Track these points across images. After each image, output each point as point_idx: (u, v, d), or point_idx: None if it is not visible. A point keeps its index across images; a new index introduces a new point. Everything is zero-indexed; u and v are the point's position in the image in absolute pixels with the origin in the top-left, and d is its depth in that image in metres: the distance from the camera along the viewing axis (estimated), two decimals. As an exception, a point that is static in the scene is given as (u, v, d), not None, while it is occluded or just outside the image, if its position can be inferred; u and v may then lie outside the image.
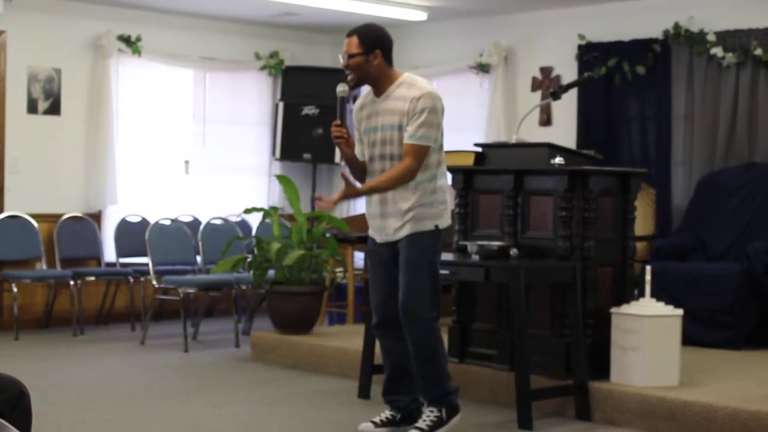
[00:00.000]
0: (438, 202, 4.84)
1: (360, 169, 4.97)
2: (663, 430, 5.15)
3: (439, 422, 4.89)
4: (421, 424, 4.88)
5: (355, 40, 4.82)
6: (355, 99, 4.91)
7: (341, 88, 4.83)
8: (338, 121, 4.80)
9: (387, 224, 4.85)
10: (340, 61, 4.87)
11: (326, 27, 10.11)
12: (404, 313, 4.81)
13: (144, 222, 8.89)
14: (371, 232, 5.01)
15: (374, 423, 5.03)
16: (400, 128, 4.78)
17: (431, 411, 4.91)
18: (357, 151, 4.99)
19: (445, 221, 4.88)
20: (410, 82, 4.83)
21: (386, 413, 5.07)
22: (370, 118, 4.91)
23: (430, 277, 4.83)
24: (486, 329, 5.96)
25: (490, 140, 8.49)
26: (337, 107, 4.85)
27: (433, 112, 4.75)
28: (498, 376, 5.78)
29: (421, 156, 4.74)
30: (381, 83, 4.87)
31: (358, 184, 4.87)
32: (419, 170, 4.76)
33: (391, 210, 4.83)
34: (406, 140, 4.75)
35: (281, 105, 9.86)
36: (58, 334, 8.29)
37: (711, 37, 7.89)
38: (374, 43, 4.81)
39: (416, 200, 4.79)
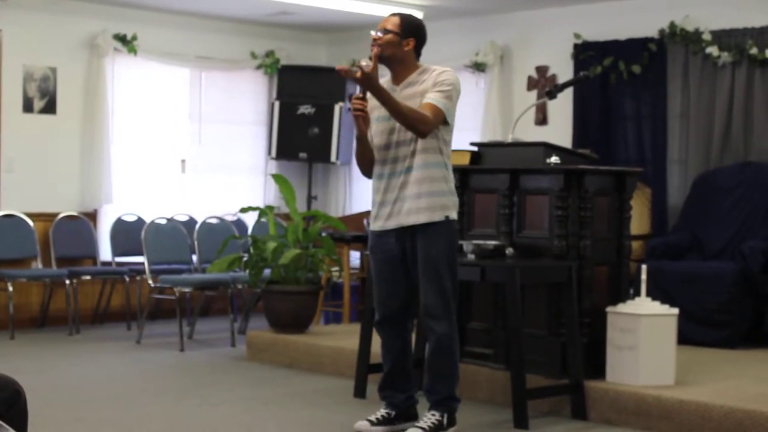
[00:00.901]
0: (451, 192, 4.84)
1: (368, 152, 4.92)
2: (659, 429, 5.15)
3: (440, 426, 4.88)
4: (422, 424, 4.88)
5: (396, 19, 4.87)
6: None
7: (365, 63, 4.73)
8: (360, 95, 4.73)
9: (401, 207, 4.81)
10: (371, 34, 4.84)
11: (322, 26, 10.11)
12: (428, 314, 4.84)
13: (140, 221, 8.88)
14: (374, 225, 4.96)
15: (370, 421, 5.04)
16: None
17: (433, 414, 4.90)
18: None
19: (455, 213, 4.87)
20: (432, 68, 4.88)
21: (382, 411, 5.07)
22: None
23: (451, 275, 4.84)
24: (482, 328, 5.96)
25: (486, 139, 8.50)
26: None
27: (453, 88, 4.77)
28: (494, 375, 5.78)
29: (437, 117, 4.70)
30: (402, 71, 4.88)
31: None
32: (432, 130, 4.71)
33: (405, 194, 4.79)
34: (425, 99, 4.72)
35: (277, 104, 9.86)
36: (53, 333, 8.29)
37: (706, 36, 7.89)
38: (412, 31, 4.86)
39: (431, 184, 4.77)
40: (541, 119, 8.96)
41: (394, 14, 4.94)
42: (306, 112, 9.76)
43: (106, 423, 5.26)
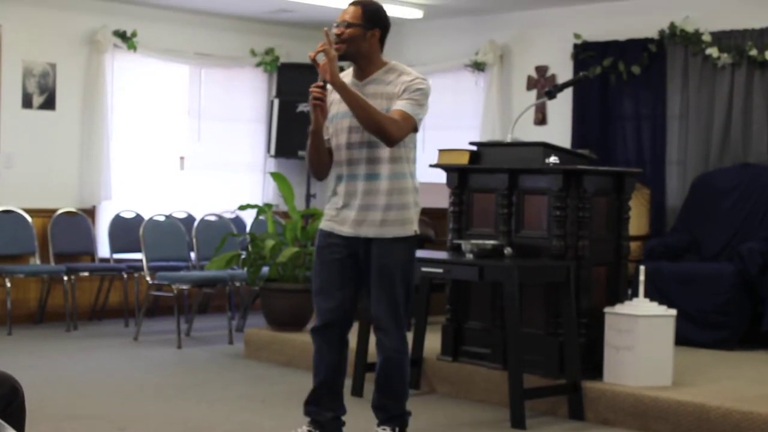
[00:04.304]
0: (416, 204, 4.57)
1: (322, 149, 4.59)
2: (656, 430, 5.16)
3: None
4: None
5: (358, 10, 4.46)
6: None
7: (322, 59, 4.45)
8: (321, 83, 4.40)
9: (366, 216, 4.47)
10: (332, 30, 4.51)
11: (321, 24, 10.03)
12: (378, 327, 4.55)
13: (138, 218, 8.88)
14: (329, 224, 4.60)
15: None
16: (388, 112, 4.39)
17: (384, 429, 4.61)
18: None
19: (417, 225, 4.59)
20: (400, 69, 4.52)
21: (305, 429, 4.71)
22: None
23: (405, 287, 4.54)
24: (480, 328, 5.96)
25: (485, 139, 8.50)
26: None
27: (424, 95, 4.43)
28: (491, 375, 5.78)
29: (409, 125, 4.37)
30: (367, 66, 4.51)
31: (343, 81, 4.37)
32: (402, 137, 4.37)
33: (373, 202, 4.47)
34: (396, 106, 4.37)
35: (276, 102, 9.86)
36: (51, 329, 8.28)
37: (706, 38, 7.90)
38: (376, 21, 4.48)
39: (401, 196, 4.47)
40: (541, 119, 8.96)
41: (354, 3, 4.49)
42: (305, 110, 9.73)
43: (103, 419, 5.26)
